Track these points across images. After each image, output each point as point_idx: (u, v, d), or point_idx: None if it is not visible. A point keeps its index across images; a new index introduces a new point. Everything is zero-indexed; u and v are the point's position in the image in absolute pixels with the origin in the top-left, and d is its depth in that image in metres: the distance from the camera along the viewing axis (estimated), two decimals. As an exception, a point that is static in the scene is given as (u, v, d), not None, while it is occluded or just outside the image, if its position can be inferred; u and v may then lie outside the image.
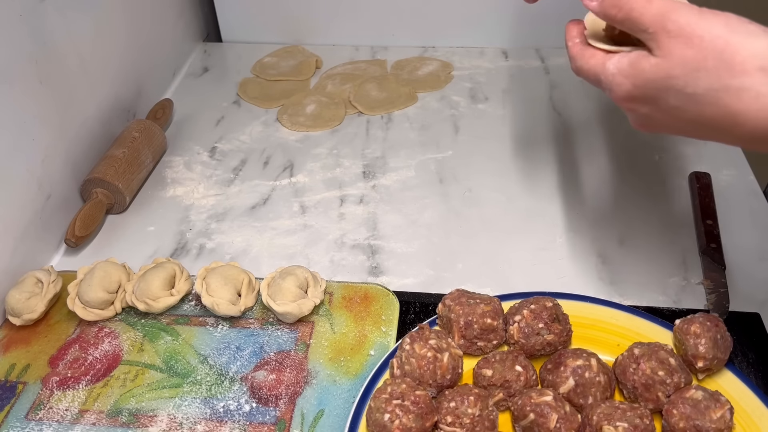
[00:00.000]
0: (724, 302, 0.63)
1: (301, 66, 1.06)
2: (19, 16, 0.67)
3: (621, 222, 0.74)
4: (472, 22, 1.06)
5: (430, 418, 0.50)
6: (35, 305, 0.63)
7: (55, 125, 0.74)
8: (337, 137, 0.90)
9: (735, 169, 0.80)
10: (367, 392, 0.54)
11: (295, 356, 0.60)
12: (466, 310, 0.57)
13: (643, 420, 0.49)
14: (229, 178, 0.84)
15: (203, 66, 1.08)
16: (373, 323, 0.63)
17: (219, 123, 0.94)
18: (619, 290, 0.66)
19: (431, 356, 0.53)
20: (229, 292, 0.63)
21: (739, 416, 0.52)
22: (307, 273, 0.65)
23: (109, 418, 0.56)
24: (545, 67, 1.02)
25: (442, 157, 0.86)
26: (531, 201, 0.78)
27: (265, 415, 0.56)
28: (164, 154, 0.88)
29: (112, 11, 0.86)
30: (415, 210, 0.77)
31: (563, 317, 0.58)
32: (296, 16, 1.09)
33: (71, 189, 0.77)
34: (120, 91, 0.88)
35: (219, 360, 0.61)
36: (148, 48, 0.96)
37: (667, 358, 0.53)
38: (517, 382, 0.54)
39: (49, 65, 0.72)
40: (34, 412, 0.57)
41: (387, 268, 0.70)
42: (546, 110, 0.93)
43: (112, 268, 0.65)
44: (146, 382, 0.59)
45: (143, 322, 0.64)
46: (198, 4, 1.13)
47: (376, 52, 1.09)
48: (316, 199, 0.80)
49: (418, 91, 0.99)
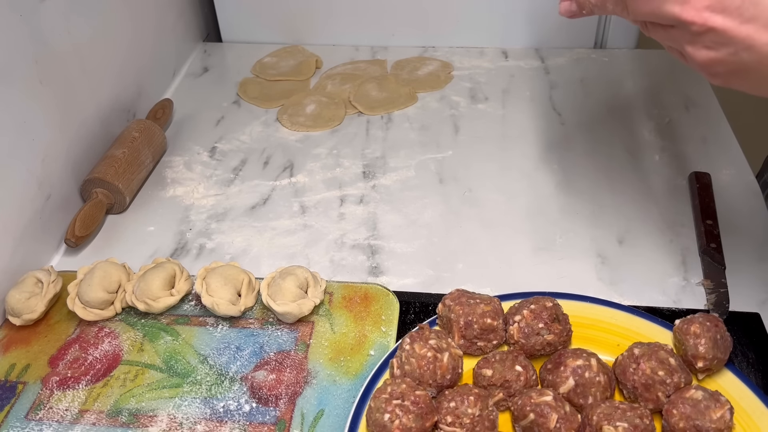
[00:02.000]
0: (724, 302, 0.63)
1: (301, 66, 1.06)
2: (19, 16, 0.67)
3: (621, 222, 0.74)
4: (472, 22, 1.06)
5: (430, 418, 0.50)
6: (35, 305, 0.63)
7: (55, 125, 0.74)
8: (337, 137, 0.90)
9: (735, 169, 0.80)
10: (367, 392, 0.54)
11: (295, 356, 0.60)
12: (466, 310, 0.57)
13: (643, 420, 0.49)
14: (229, 178, 0.84)
15: (203, 66, 1.08)
16: (373, 323, 0.63)
17: (219, 123, 0.94)
18: (619, 290, 0.66)
19: (431, 356, 0.53)
20: (229, 292, 0.63)
21: (739, 416, 0.52)
22: (307, 273, 0.65)
23: (109, 418, 0.56)
24: (545, 67, 1.02)
25: (442, 157, 0.86)
26: (531, 201, 0.78)
27: (265, 415, 0.56)
28: (164, 154, 0.88)
29: (113, 11, 0.86)
30: (415, 210, 0.77)
31: (563, 317, 0.58)
32: (296, 16, 1.09)
33: (71, 189, 0.77)
34: (120, 91, 0.88)
35: (219, 360, 0.61)
36: (148, 48, 0.96)
37: (667, 358, 0.53)
38: (517, 382, 0.54)
39: (49, 65, 0.72)
40: (34, 412, 0.57)
41: (387, 268, 0.70)
42: (546, 110, 0.93)
43: (112, 268, 0.65)
44: (146, 382, 0.59)
45: (143, 322, 0.64)
46: (198, 4, 1.13)
47: (376, 52, 1.09)
48: (316, 199, 0.80)
49: (418, 91, 0.99)
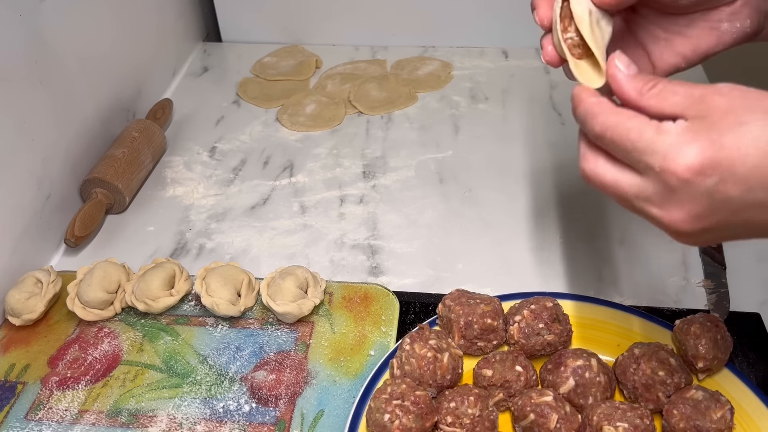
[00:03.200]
0: (724, 302, 0.63)
1: (301, 66, 1.06)
2: (19, 16, 0.67)
3: (621, 222, 0.74)
4: (472, 22, 1.06)
5: (430, 419, 0.50)
6: (35, 305, 0.63)
7: (54, 125, 0.74)
8: (337, 137, 0.90)
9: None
10: (367, 392, 0.54)
11: (295, 356, 0.60)
12: (466, 310, 0.57)
13: (644, 420, 0.48)
14: (228, 178, 0.84)
15: (203, 66, 1.08)
16: (373, 323, 0.63)
17: (219, 123, 0.94)
18: (619, 290, 0.66)
19: (431, 356, 0.53)
20: (229, 292, 0.63)
21: (739, 416, 0.52)
22: (307, 273, 0.65)
23: (108, 419, 0.56)
24: (545, 67, 1.02)
25: (442, 157, 0.86)
26: (531, 201, 0.78)
27: (265, 415, 0.56)
28: (164, 154, 0.88)
29: (112, 11, 0.86)
30: (415, 210, 0.77)
31: (563, 317, 0.58)
32: (296, 16, 1.09)
33: (71, 189, 0.77)
34: (120, 91, 0.88)
35: (219, 360, 0.60)
36: (148, 48, 0.96)
37: (668, 359, 0.53)
38: (517, 382, 0.54)
39: (48, 65, 0.72)
40: (34, 413, 0.57)
41: (387, 268, 0.70)
42: (546, 110, 0.93)
43: (111, 268, 0.65)
44: (146, 382, 0.59)
45: (143, 322, 0.64)
46: (198, 4, 1.13)
47: (376, 52, 1.09)
48: (316, 199, 0.80)
49: (418, 91, 0.99)
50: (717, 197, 0.36)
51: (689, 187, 0.36)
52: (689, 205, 0.37)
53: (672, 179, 0.36)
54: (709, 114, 0.36)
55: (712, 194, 0.36)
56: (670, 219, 0.38)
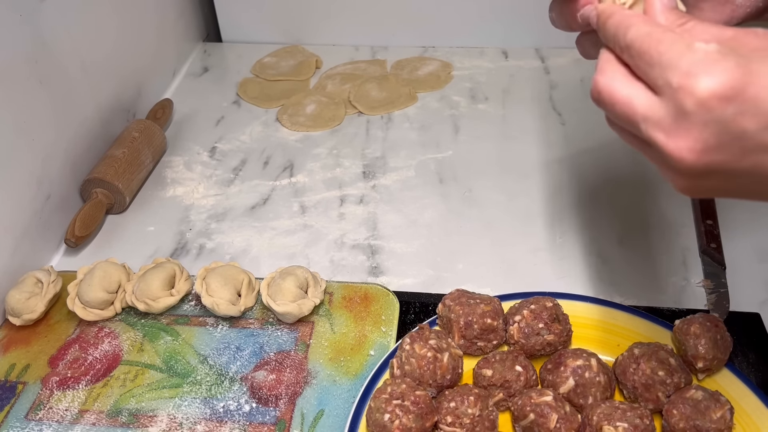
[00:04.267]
0: (724, 302, 0.63)
1: (301, 66, 1.06)
2: (19, 16, 0.67)
3: (621, 222, 0.74)
4: (472, 22, 1.06)
5: (430, 418, 0.50)
6: (35, 305, 0.63)
7: (54, 125, 0.74)
8: (337, 137, 0.90)
9: (735, 169, 0.80)
10: (367, 392, 0.54)
11: (295, 356, 0.60)
12: (466, 310, 0.57)
13: (643, 420, 0.49)
14: (229, 178, 0.84)
15: (203, 66, 1.08)
16: (373, 323, 0.63)
17: (219, 123, 0.94)
18: (619, 290, 0.66)
19: (431, 356, 0.53)
20: (229, 292, 0.63)
21: (739, 416, 0.52)
22: (307, 273, 0.65)
23: (109, 419, 0.56)
24: (545, 67, 1.02)
25: (442, 157, 0.86)
26: (531, 201, 0.78)
27: (265, 415, 0.56)
28: (164, 154, 0.88)
29: (112, 11, 0.86)
30: (415, 210, 0.77)
31: (563, 317, 0.58)
32: (296, 16, 1.09)
33: (71, 189, 0.77)
34: (120, 91, 0.88)
35: (219, 360, 0.60)
36: (148, 48, 0.96)
37: (667, 358, 0.53)
38: (517, 382, 0.54)
39: (49, 65, 0.72)
40: (34, 412, 0.57)
41: (387, 268, 0.70)
42: (546, 110, 0.93)
43: (112, 268, 0.65)
44: (146, 382, 0.59)
45: (143, 322, 0.64)
46: (198, 4, 1.13)
47: (376, 52, 1.09)
48: (316, 199, 0.80)
49: (418, 91, 0.99)
50: (732, 129, 0.34)
51: (704, 112, 0.34)
52: (699, 133, 0.35)
53: (688, 100, 0.34)
54: (739, 47, 0.35)
55: (727, 124, 0.34)
56: (675, 147, 0.36)
